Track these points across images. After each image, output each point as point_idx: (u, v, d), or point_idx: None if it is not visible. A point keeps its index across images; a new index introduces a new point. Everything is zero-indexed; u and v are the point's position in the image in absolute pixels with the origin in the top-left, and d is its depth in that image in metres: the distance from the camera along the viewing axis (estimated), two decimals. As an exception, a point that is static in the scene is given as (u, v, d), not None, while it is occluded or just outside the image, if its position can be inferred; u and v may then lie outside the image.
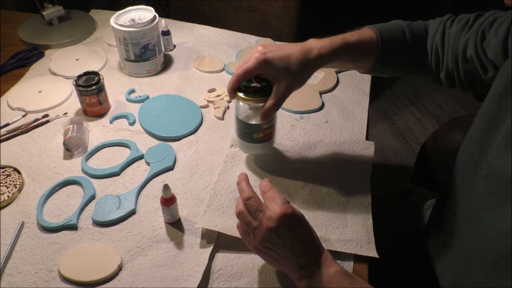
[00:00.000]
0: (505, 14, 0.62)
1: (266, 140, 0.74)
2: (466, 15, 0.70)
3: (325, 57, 0.65)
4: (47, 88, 0.94)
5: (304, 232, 0.55)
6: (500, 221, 0.52)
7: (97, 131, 0.85)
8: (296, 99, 0.92)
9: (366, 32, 0.70)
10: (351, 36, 0.69)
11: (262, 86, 0.67)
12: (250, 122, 0.70)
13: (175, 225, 0.68)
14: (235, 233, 0.65)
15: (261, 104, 0.66)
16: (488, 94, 0.59)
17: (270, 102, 0.65)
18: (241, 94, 0.66)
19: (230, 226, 0.66)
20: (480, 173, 0.57)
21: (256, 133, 0.71)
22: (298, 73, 0.64)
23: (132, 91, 0.95)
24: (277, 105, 0.65)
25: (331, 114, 0.91)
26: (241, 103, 0.68)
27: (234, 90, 0.67)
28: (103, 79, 0.86)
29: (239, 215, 0.57)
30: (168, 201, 0.65)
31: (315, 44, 0.66)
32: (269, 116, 0.67)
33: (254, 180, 0.75)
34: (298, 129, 0.86)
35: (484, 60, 0.63)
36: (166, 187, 0.64)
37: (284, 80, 0.64)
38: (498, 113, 0.56)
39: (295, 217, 0.54)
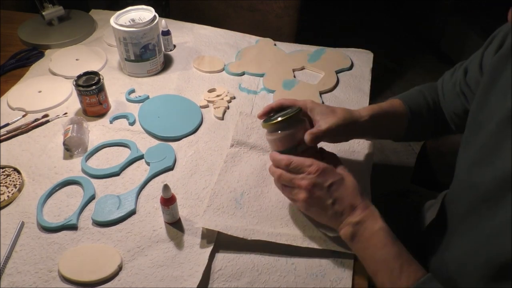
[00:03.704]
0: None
1: None
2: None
3: (364, 115, 0.70)
4: (47, 88, 0.94)
5: (341, 183, 0.61)
6: (492, 227, 0.53)
7: (97, 131, 0.85)
8: (296, 99, 0.92)
9: (393, 101, 0.75)
10: (382, 104, 0.74)
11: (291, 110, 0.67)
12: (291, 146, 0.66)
13: (175, 225, 0.68)
14: (235, 232, 0.65)
15: (299, 123, 0.66)
16: (474, 100, 0.62)
17: (321, 127, 0.65)
18: (278, 117, 0.65)
19: (230, 226, 0.66)
20: (473, 178, 0.59)
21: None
22: (342, 123, 0.66)
23: (132, 91, 0.95)
24: (326, 132, 0.65)
25: (331, 114, 0.90)
26: (278, 132, 0.65)
27: (267, 111, 0.69)
28: (103, 79, 0.86)
29: (279, 178, 0.64)
30: (168, 201, 0.65)
31: (353, 109, 0.71)
32: (316, 140, 0.65)
33: (254, 180, 0.75)
34: (298, 129, 0.86)
35: (469, 94, 0.69)
36: (166, 187, 0.64)
37: (331, 118, 0.66)
38: (481, 120, 0.59)
39: (328, 171, 0.60)
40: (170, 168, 0.78)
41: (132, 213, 0.70)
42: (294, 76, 1.00)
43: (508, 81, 0.55)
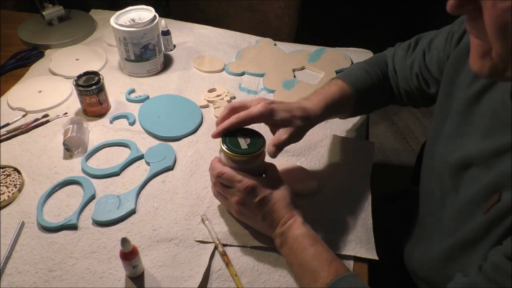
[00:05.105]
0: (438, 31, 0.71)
1: None
2: (408, 41, 0.79)
3: (318, 112, 0.69)
4: (47, 88, 0.94)
5: (269, 198, 0.62)
6: (447, 217, 0.58)
7: (97, 131, 0.85)
8: (296, 99, 0.92)
9: (342, 86, 0.74)
10: (333, 93, 0.73)
11: (251, 141, 0.63)
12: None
13: (175, 225, 0.68)
14: (234, 242, 0.66)
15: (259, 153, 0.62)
16: (439, 92, 0.65)
17: (282, 138, 0.64)
18: (233, 152, 0.62)
19: (228, 235, 0.67)
20: (441, 171, 0.62)
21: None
22: (301, 127, 0.66)
23: (132, 91, 0.95)
24: (287, 142, 0.65)
25: (331, 114, 0.91)
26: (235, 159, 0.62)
27: (224, 133, 0.65)
28: (103, 79, 0.86)
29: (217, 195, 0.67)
30: (129, 255, 0.58)
31: (308, 104, 0.69)
32: (279, 151, 0.64)
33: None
34: (298, 129, 0.86)
35: (428, 77, 0.71)
36: (124, 241, 0.56)
37: (291, 126, 0.65)
38: (446, 111, 0.61)
39: (256, 187, 0.61)
40: (170, 168, 0.78)
41: (132, 213, 0.70)
42: (294, 76, 1.00)
43: (469, 71, 0.57)
